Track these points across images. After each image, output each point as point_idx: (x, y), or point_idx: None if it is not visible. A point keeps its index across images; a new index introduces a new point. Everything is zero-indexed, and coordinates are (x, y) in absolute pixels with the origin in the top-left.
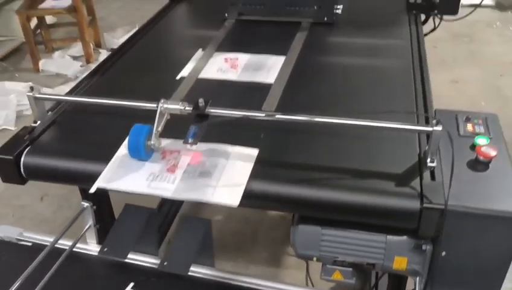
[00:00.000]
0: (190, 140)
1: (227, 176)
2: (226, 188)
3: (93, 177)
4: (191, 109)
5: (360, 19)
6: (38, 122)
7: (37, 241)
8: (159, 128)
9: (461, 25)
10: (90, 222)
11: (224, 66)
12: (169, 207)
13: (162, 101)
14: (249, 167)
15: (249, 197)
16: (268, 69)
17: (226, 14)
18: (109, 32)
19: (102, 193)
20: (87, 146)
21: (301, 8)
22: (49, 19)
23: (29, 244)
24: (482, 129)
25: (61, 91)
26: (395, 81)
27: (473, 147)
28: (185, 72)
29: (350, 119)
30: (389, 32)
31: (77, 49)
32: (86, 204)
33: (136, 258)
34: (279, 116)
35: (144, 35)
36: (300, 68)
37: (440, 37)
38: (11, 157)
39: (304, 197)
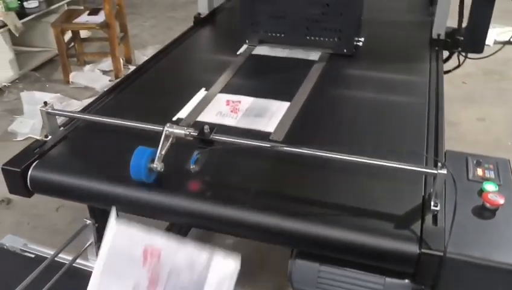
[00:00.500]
0: (192, 166)
1: None
2: None
3: (97, 196)
4: (196, 134)
5: (380, 52)
6: (50, 136)
7: (40, 254)
8: (163, 152)
9: (494, 62)
10: (92, 239)
11: (224, 110)
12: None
13: (168, 125)
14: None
15: (244, 227)
16: (271, 115)
17: (247, 41)
18: (140, 50)
19: (106, 211)
20: (95, 164)
21: (321, 38)
22: (84, 33)
23: (32, 255)
24: (492, 174)
25: (87, 103)
26: (407, 119)
27: (481, 192)
28: (183, 113)
29: (354, 157)
30: (408, 68)
31: (108, 64)
32: (88, 221)
33: None
34: (285, 148)
35: (159, 61)
36: (310, 104)
37: (470, 73)
38: (18, 170)
39: (302, 232)
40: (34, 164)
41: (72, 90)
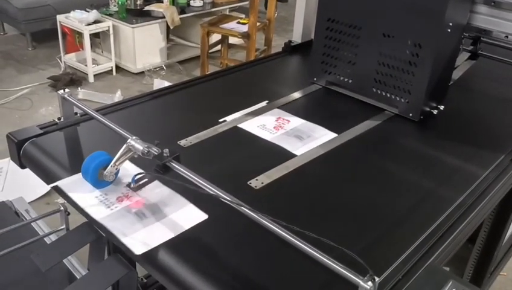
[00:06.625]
0: (132, 184)
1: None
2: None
3: None
4: (155, 154)
5: (457, 129)
6: (62, 119)
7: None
8: (117, 163)
9: None
10: (63, 225)
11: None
12: None
13: (134, 137)
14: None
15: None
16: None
17: (315, 79)
18: None
19: None
20: (80, 158)
21: (388, 94)
22: (235, 40)
23: (24, 221)
24: None
25: None
26: (414, 216)
27: None
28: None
29: (290, 236)
30: (472, 155)
31: None
32: (61, 207)
33: None
34: (244, 209)
35: (236, 72)
36: (342, 152)
37: None
38: (15, 141)
39: None
40: (32, 140)
41: None
